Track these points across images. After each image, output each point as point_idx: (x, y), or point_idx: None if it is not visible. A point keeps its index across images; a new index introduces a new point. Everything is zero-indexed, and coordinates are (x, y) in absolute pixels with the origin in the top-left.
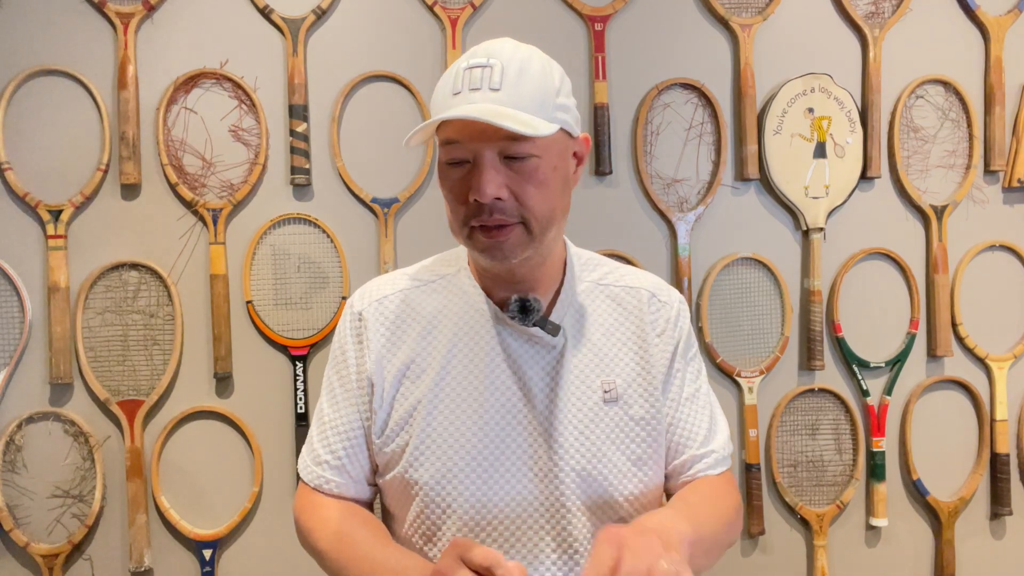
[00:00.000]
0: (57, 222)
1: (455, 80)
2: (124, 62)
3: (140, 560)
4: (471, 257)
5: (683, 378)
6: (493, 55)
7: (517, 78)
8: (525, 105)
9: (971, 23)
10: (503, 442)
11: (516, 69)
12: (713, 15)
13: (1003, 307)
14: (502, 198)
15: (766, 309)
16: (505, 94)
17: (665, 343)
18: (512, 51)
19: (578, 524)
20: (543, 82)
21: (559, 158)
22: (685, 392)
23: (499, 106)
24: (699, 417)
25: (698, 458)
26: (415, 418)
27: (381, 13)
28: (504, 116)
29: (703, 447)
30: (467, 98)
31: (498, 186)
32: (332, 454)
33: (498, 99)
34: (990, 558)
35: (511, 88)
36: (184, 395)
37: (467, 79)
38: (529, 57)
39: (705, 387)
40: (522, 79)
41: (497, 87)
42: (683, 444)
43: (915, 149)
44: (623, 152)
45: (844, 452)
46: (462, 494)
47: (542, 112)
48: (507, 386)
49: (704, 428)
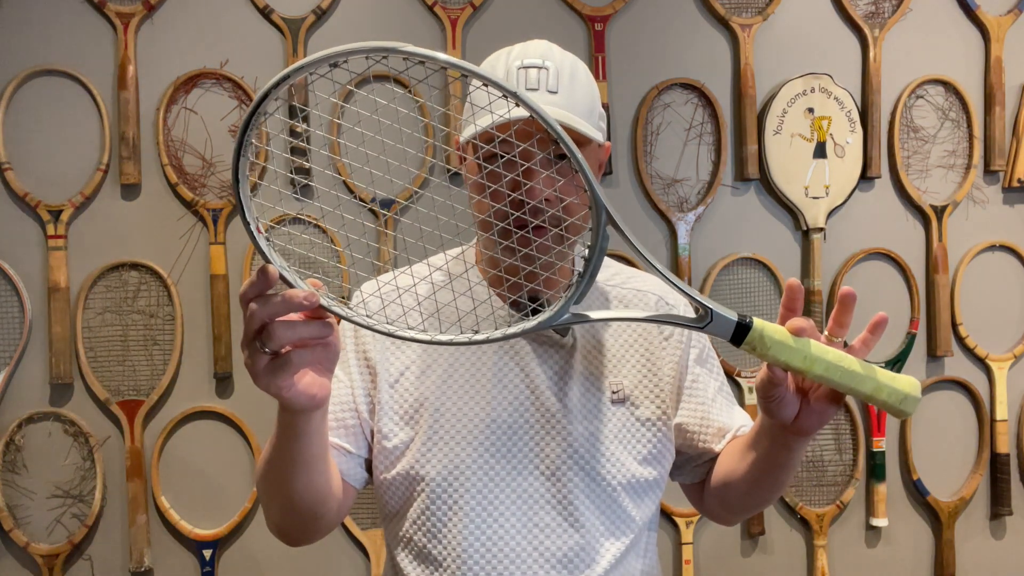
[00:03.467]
0: (57, 222)
1: (507, 77)
2: (124, 62)
3: (140, 560)
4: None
5: (707, 379)
6: (546, 57)
7: (571, 83)
8: (579, 110)
9: (971, 23)
10: (510, 440)
11: (569, 74)
12: (713, 15)
13: (1003, 307)
14: (550, 199)
15: (766, 309)
16: (563, 97)
17: (673, 347)
18: (561, 55)
19: (584, 523)
20: (590, 89)
21: (594, 164)
22: (710, 391)
23: (560, 109)
24: (731, 407)
25: (738, 429)
26: (421, 414)
27: (381, 13)
28: (571, 120)
29: (742, 422)
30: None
31: (548, 187)
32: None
33: (556, 102)
34: (990, 558)
35: (567, 92)
36: (184, 395)
37: (523, 78)
38: (576, 63)
39: (724, 379)
40: (574, 84)
41: (555, 90)
42: (723, 429)
43: (915, 149)
44: (623, 152)
45: (844, 452)
46: (468, 491)
47: (591, 119)
48: (515, 384)
49: (739, 414)
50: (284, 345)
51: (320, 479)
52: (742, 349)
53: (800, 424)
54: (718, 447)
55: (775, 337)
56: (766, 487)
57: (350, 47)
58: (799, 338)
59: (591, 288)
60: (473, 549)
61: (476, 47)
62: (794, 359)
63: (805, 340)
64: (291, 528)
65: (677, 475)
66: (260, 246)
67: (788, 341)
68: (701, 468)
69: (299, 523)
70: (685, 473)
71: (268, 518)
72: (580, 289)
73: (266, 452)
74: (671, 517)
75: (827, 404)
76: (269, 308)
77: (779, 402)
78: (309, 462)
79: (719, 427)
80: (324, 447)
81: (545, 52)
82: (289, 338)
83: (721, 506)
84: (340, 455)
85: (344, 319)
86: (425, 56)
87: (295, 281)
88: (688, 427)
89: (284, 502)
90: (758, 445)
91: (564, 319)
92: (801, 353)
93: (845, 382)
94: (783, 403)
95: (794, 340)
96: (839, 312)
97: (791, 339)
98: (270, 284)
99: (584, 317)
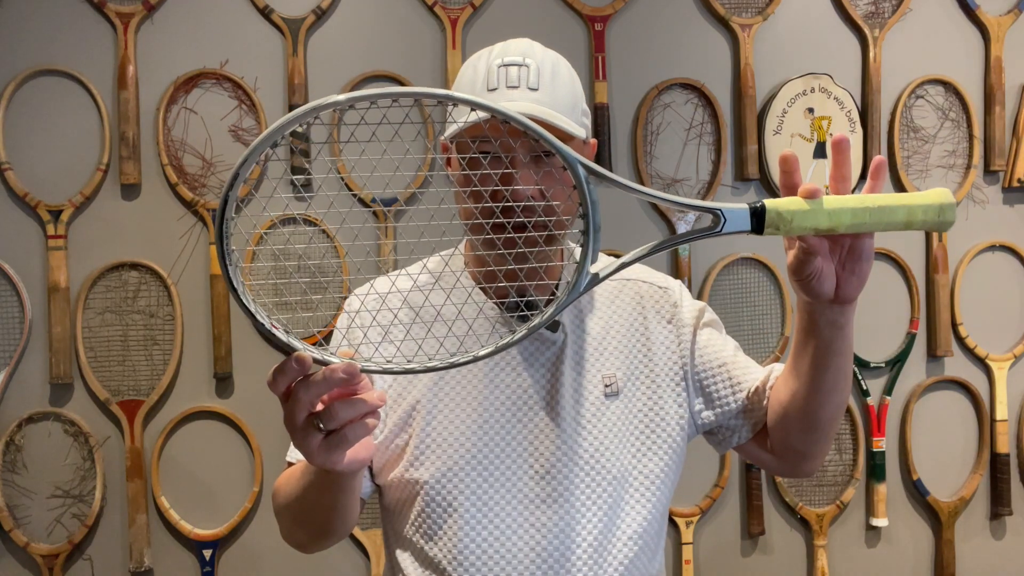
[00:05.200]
0: (57, 222)
1: (488, 76)
2: (124, 62)
3: (140, 560)
4: (470, 255)
5: (721, 341)
6: (527, 55)
7: (552, 80)
8: (560, 107)
9: (971, 23)
10: (504, 440)
11: (550, 71)
12: (713, 15)
13: (1003, 307)
14: (534, 197)
15: (766, 309)
16: (543, 94)
17: (676, 326)
18: (542, 53)
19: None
20: (572, 86)
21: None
22: (729, 349)
23: (540, 106)
24: (750, 363)
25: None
26: (415, 418)
27: (381, 13)
28: (551, 116)
29: (771, 368)
30: (505, 95)
31: (532, 185)
32: None
33: (537, 99)
34: (990, 558)
35: (548, 89)
36: (184, 395)
37: (503, 76)
38: (557, 60)
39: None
40: (556, 81)
41: (535, 87)
42: (753, 377)
43: (915, 149)
44: (623, 152)
45: (844, 452)
46: (463, 492)
47: (573, 116)
48: (507, 383)
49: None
50: (344, 423)
51: (353, 512)
52: (766, 234)
53: (843, 292)
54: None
55: (792, 208)
56: (829, 387)
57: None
58: (814, 200)
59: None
60: (469, 550)
61: (476, 47)
62: (820, 221)
63: (819, 200)
64: (308, 544)
65: (733, 439)
66: (282, 340)
67: (806, 206)
68: (749, 422)
69: (318, 541)
70: (738, 432)
71: (285, 534)
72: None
73: (297, 490)
74: (671, 517)
75: (860, 260)
76: (316, 389)
77: (818, 277)
78: (347, 504)
79: (748, 377)
80: (360, 487)
81: (526, 50)
82: (350, 416)
83: (784, 445)
84: None
85: (383, 373)
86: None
87: (327, 358)
88: (716, 386)
89: (312, 530)
90: (807, 344)
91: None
92: (824, 212)
93: (877, 219)
94: (822, 276)
95: (810, 203)
96: (837, 163)
97: (808, 203)
98: (305, 370)
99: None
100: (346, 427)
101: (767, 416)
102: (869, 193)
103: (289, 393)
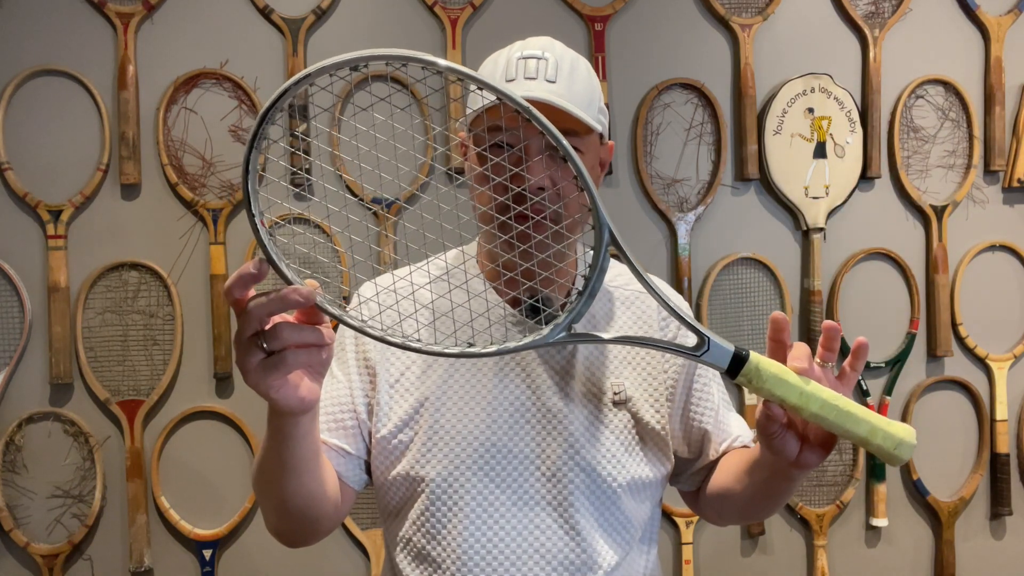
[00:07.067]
0: (57, 222)
1: (507, 67)
2: (124, 62)
3: (140, 560)
4: (482, 253)
5: (712, 386)
6: (546, 49)
7: (570, 74)
8: (577, 101)
9: (971, 23)
10: (511, 440)
11: (568, 66)
12: (713, 15)
13: (1003, 307)
14: (546, 187)
15: (766, 309)
16: (561, 87)
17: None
18: (562, 49)
19: (584, 523)
20: (590, 83)
21: (594, 160)
22: (717, 400)
23: (556, 96)
24: (730, 414)
25: (735, 439)
26: (422, 414)
27: (381, 13)
28: (568, 107)
29: (739, 431)
30: (523, 86)
31: (545, 174)
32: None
33: (554, 91)
34: (990, 558)
35: (566, 82)
36: (184, 395)
37: (522, 68)
38: (577, 58)
39: (722, 383)
40: (574, 76)
41: (553, 79)
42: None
43: (915, 149)
44: (623, 152)
45: (844, 452)
46: (468, 492)
47: (589, 111)
48: (516, 384)
49: (736, 420)
50: (286, 345)
51: (311, 482)
52: (737, 382)
53: (803, 460)
54: (716, 456)
55: (771, 371)
56: (763, 508)
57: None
58: (797, 375)
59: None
60: (473, 551)
61: (476, 47)
62: (790, 395)
63: (802, 377)
64: (287, 530)
65: (674, 481)
66: (262, 239)
67: (784, 376)
68: (698, 475)
69: (294, 525)
70: (683, 480)
71: (265, 520)
72: (577, 308)
73: (258, 456)
74: (671, 517)
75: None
76: (268, 306)
77: (781, 439)
78: (299, 465)
79: (723, 436)
80: (314, 450)
81: (546, 45)
82: (293, 340)
83: (718, 515)
84: (339, 456)
85: (339, 321)
86: (426, 61)
87: (293, 278)
88: (694, 434)
89: (277, 504)
90: (758, 473)
91: (559, 338)
92: (797, 391)
93: (840, 422)
94: (784, 440)
95: (791, 377)
96: (827, 339)
97: (787, 374)
98: (260, 278)
99: (580, 337)
100: (288, 350)
101: (708, 483)
102: (850, 367)
103: (243, 304)
